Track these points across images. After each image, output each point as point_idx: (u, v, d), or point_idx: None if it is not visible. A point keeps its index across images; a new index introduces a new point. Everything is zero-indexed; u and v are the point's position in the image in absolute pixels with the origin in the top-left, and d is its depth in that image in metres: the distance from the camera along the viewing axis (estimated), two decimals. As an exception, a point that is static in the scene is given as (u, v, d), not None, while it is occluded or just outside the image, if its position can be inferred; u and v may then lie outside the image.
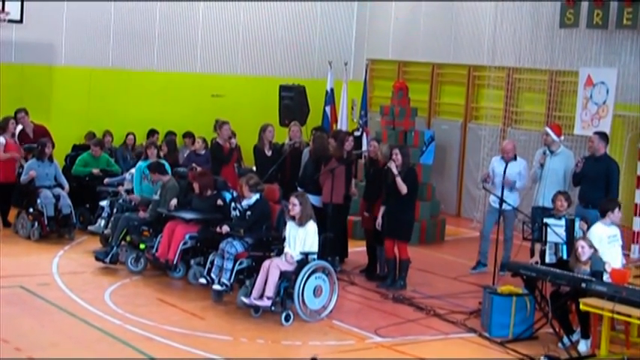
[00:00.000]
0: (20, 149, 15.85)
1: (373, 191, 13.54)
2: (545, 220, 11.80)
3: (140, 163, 14.59)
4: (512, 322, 11.01)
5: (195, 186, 13.10)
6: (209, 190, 13.07)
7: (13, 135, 15.84)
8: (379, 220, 13.10)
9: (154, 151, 14.68)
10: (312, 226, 11.47)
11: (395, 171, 12.78)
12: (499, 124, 18.66)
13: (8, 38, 17.48)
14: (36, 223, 14.84)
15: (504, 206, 13.64)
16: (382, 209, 13.09)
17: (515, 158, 14.07)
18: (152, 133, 18.90)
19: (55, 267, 13.33)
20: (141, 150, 16.24)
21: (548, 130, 13.90)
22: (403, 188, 12.81)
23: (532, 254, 12.31)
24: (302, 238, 11.39)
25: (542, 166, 13.66)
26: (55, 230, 14.92)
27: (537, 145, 16.04)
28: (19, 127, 16.49)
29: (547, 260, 11.59)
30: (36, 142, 15.67)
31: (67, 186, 15.32)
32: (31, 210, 14.94)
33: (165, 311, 11.47)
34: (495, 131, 18.54)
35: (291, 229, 11.50)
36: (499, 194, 13.62)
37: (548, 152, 13.69)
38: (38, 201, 14.84)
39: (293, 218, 11.48)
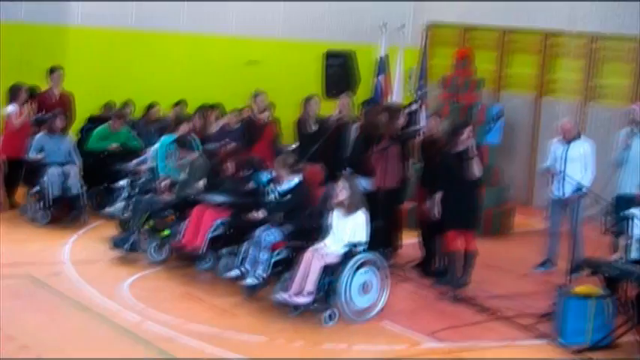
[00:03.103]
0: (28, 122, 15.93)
1: (433, 176, 13.45)
2: (632, 210, 11.71)
3: (164, 139, 14.58)
4: (590, 328, 10.93)
5: (230, 165, 13.12)
6: (244, 171, 13.09)
7: (25, 103, 15.92)
8: (437, 208, 13.07)
9: (186, 127, 14.54)
10: (361, 217, 11.41)
11: (474, 152, 12.72)
12: (578, 99, 18.54)
13: (17, -6, 17.67)
14: (41, 204, 14.96)
15: (567, 194, 13.55)
16: (439, 196, 13.03)
17: (579, 137, 13.95)
18: (179, 103, 18.77)
19: (66, 255, 13.48)
20: (166, 123, 16.23)
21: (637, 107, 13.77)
22: (478, 171, 12.80)
23: (614, 250, 12.24)
24: (349, 230, 11.35)
25: (627, 147, 13.54)
26: (62, 213, 15.00)
27: (622, 123, 15.88)
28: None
29: (632, 257, 11.51)
30: (56, 108, 15.74)
31: (78, 162, 15.43)
32: (37, 189, 15.06)
33: (191, 307, 11.54)
34: (573, 107, 18.41)
35: (336, 217, 11.49)
36: (559, 182, 13.56)
37: (636, 131, 13.56)
38: (45, 178, 14.95)
39: (340, 205, 11.48)
